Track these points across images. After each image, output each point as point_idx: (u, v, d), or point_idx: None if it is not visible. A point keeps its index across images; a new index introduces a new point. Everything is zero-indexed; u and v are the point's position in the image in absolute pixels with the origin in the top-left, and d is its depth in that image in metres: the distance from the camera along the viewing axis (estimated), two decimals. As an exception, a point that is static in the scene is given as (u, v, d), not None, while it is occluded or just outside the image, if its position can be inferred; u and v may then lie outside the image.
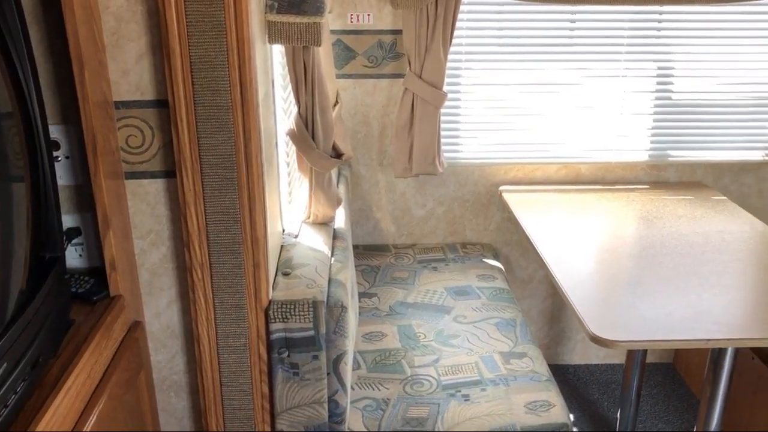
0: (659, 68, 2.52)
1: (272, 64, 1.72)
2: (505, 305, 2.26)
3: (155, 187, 1.53)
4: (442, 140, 2.54)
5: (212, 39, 1.37)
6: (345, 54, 2.45)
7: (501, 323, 2.17)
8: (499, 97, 2.54)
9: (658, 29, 2.47)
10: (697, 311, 1.72)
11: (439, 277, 2.43)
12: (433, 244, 2.70)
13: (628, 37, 2.47)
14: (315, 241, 1.81)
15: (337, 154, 1.80)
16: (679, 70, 2.53)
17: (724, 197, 2.47)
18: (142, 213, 1.54)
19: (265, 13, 1.60)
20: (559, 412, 1.78)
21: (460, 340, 2.08)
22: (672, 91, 2.55)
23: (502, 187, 2.58)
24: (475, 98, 2.54)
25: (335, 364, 1.63)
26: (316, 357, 1.58)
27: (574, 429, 2.55)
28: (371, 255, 2.59)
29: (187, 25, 1.36)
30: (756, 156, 2.63)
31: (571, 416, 2.61)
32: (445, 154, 2.57)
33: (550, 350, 2.91)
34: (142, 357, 1.56)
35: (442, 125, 2.52)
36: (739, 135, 2.61)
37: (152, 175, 1.51)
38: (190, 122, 1.42)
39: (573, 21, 2.47)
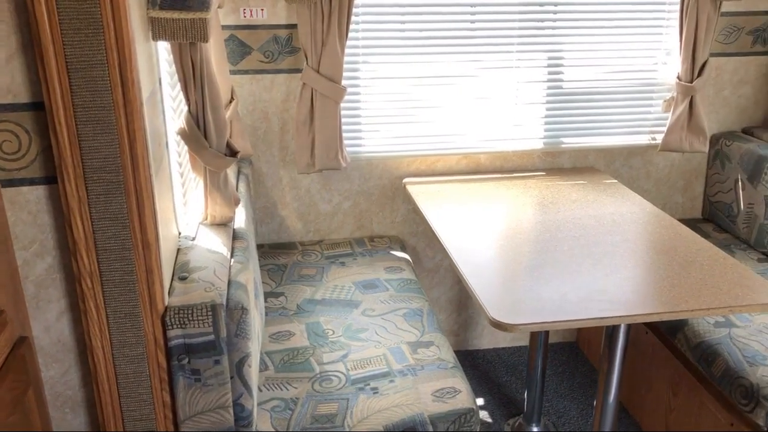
0: (549, 58, 2.61)
1: (158, 62, 1.66)
2: (412, 296, 2.29)
3: (36, 195, 1.44)
4: (345, 134, 2.53)
5: (88, 37, 1.31)
6: (240, 50, 2.40)
7: (409, 314, 2.19)
8: (398, 91, 2.56)
9: (547, 20, 2.55)
10: (591, 291, 1.80)
11: (347, 272, 2.43)
12: (341, 239, 2.69)
13: (518, 29, 2.54)
14: (213, 243, 1.77)
15: (232, 152, 1.76)
16: (569, 60, 2.62)
17: (615, 180, 2.59)
18: (23, 222, 1.45)
19: (147, 9, 1.54)
20: (465, 397, 1.82)
21: (368, 334, 2.09)
22: (562, 81, 2.65)
23: (405, 180, 2.61)
24: (375, 92, 2.55)
25: (239, 367, 1.60)
26: (217, 361, 1.54)
27: (482, 412, 2.62)
28: (277, 254, 2.55)
29: (60, 23, 1.29)
30: (642, 140, 2.76)
31: (482, 400, 2.68)
32: (348, 149, 2.57)
33: (459, 336, 2.97)
34: (30, 374, 1.47)
35: (344, 119, 2.52)
36: (627, 120, 2.74)
37: (32, 181, 1.43)
38: (70, 125, 1.35)
39: (473, 14, 2.51)
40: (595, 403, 2.07)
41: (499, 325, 1.66)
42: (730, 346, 2.07)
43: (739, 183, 2.68)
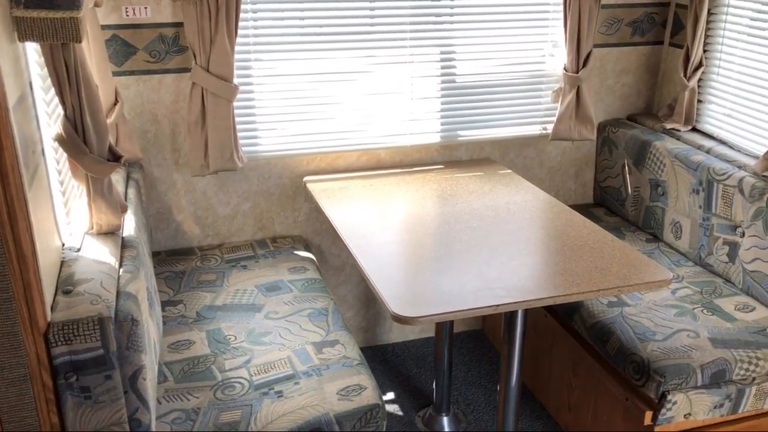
0: (442, 53, 2.64)
1: (28, 64, 1.56)
2: (317, 295, 2.27)
3: None
4: (240, 134, 2.47)
5: (-59, 38, 1.21)
6: (123, 50, 2.29)
7: (313, 314, 2.16)
8: (294, 88, 2.53)
9: (438, 15, 2.59)
10: (489, 279, 1.83)
11: (250, 275, 2.38)
12: (242, 241, 2.63)
13: (411, 23, 2.56)
14: (100, 253, 1.68)
15: (115, 157, 1.68)
16: (461, 54, 2.67)
17: (510, 171, 2.65)
18: None
19: (11, 8, 1.44)
20: (370, 393, 1.81)
21: (272, 337, 2.05)
22: (455, 75, 2.69)
23: (306, 178, 2.57)
24: (269, 89, 2.50)
25: (132, 380, 1.53)
26: (108, 377, 1.47)
27: (393, 406, 2.63)
28: (175, 260, 2.47)
29: None
30: (534, 130, 2.85)
31: (393, 394, 2.69)
32: (244, 148, 2.51)
33: (369, 333, 2.97)
34: None
35: (238, 119, 2.46)
36: (519, 112, 2.82)
37: None
38: (-75, 134, 1.25)
39: (366, 9, 2.51)
40: (498, 388, 2.11)
41: (400, 319, 1.67)
42: (622, 325, 2.17)
43: (626, 168, 2.81)
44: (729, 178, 2.35)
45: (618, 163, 2.85)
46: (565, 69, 2.67)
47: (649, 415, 2.00)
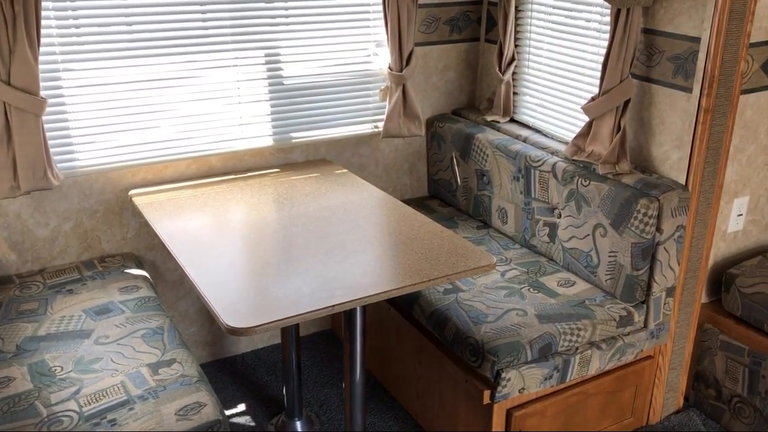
0: (267, 55, 2.61)
1: None
2: (151, 314, 2.16)
3: None
4: (54, 149, 2.31)
5: None
6: None
7: (148, 334, 2.06)
8: (111, 97, 2.39)
9: (259, 17, 2.55)
10: (325, 280, 1.84)
11: (76, 300, 2.23)
12: (66, 264, 2.46)
13: (231, 27, 2.51)
14: None
15: None
16: (286, 56, 2.65)
17: (346, 170, 2.68)
18: None
19: None
20: (210, 410, 1.76)
21: (103, 363, 1.93)
22: (283, 77, 2.67)
23: (131, 191, 2.45)
24: (84, 100, 2.35)
25: (-67, 432, 1.38)
26: None
27: (244, 417, 2.58)
28: (-11, 291, 2.26)
29: None
30: (367, 129, 2.90)
31: (244, 405, 2.64)
32: (60, 165, 2.34)
33: (216, 346, 2.89)
34: None
35: (50, 133, 2.29)
36: (350, 111, 2.85)
37: None
38: None
39: (189, 12, 2.42)
40: (343, 385, 2.13)
41: (234, 331, 1.63)
42: (457, 310, 2.27)
43: (454, 160, 2.94)
44: (543, 164, 2.53)
45: (447, 156, 2.97)
46: (389, 68, 2.74)
47: (487, 394, 2.11)
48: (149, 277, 2.44)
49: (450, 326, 2.23)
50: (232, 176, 2.61)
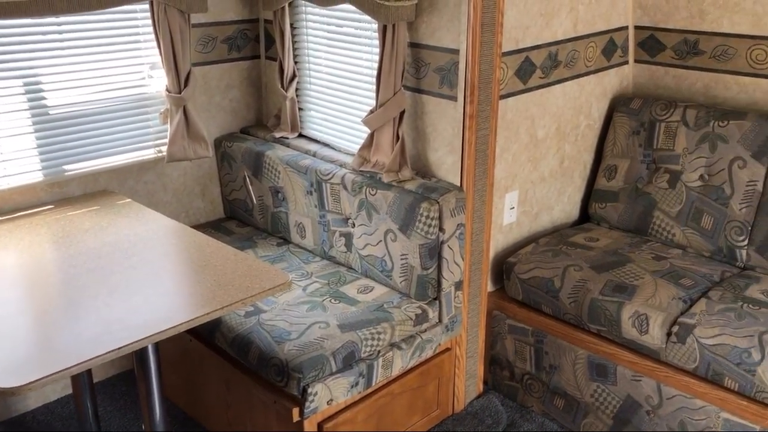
0: (25, 84, 2.40)
1: None
2: None
3: None
4: None
5: None
6: None
7: None
8: None
9: (12, 44, 2.34)
10: (108, 322, 1.73)
11: None
12: None
13: (-21, 55, 2.28)
14: None
15: None
16: (49, 84, 2.46)
17: (130, 200, 2.54)
18: None
19: None
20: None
21: None
22: (47, 106, 2.47)
23: None
24: None
25: None
26: None
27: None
28: None
29: None
30: (150, 154, 2.78)
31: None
32: None
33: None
34: None
35: None
36: (130, 137, 2.71)
37: None
38: None
39: None
40: (143, 428, 2.02)
41: (3, 393, 1.47)
42: (260, 332, 2.24)
43: (247, 179, 2.90)
44: (333, 177, 2.58)
45: (239, 176, 2.93)
46: (167, 90, 2.64)
47: (296, 411, 2.11)
48: None
49: (253, 349, 2.19)
50: (-1, 218, 2.37)
